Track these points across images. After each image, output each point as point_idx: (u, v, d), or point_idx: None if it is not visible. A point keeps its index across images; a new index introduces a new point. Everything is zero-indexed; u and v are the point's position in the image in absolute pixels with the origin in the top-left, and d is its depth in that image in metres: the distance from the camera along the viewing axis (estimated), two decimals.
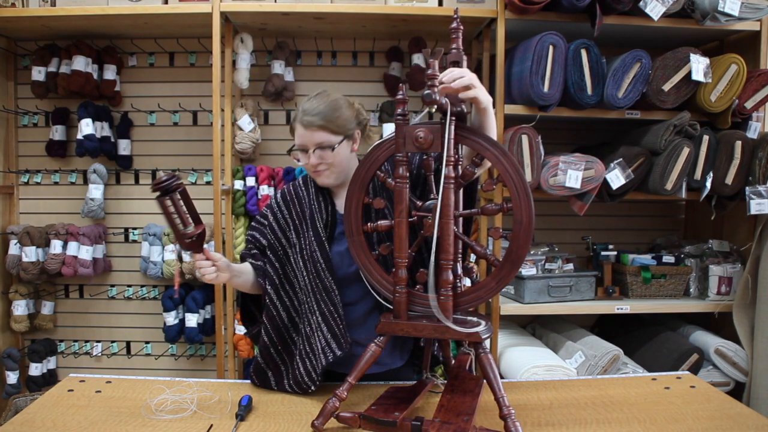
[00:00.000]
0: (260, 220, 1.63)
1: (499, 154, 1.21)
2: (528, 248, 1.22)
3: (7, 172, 2.79)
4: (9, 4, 2.44)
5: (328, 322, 1.47)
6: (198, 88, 2.79)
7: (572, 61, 2.20)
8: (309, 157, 1.48)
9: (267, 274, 1.56)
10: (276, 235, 1.58)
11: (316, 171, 1.50)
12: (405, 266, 1.28)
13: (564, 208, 2.55)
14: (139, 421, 1.34)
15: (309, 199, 1.56)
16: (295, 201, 1.58)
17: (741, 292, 2.41)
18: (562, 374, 2.17)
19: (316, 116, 1.46)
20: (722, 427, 1.33)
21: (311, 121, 1.46)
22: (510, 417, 1.19)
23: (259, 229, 1.62)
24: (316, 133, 1.46)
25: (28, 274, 2.62)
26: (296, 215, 1.57)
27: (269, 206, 1.63)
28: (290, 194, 1.60)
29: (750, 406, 2.04)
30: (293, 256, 1.55)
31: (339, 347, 1.46)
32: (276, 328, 1.56)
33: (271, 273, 1.56)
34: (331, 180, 1.52)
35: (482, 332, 1.23)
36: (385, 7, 2.37)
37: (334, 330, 1.47)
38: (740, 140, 2.31)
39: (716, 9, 2.20)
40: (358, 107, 1.58)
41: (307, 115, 1.46)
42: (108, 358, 2.87)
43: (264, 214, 1.62)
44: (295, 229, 1.56)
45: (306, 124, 1.46)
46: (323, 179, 1.52)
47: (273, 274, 1.56)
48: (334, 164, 1.49)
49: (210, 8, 2.34)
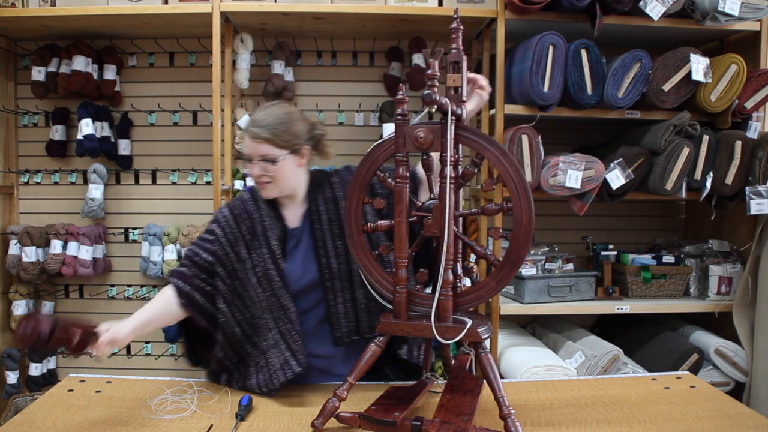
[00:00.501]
0: (206, 237, 1.58)
1: (499, 154, 1.21)
2: (528, 248, 1.22)
3: (7, 172, 2.79)
4: (9, 4, 2.44)
5: (286, 340, 1.48)
6: (198, 88, 2.79)
7: (572, 61, 2.20)
8: (253, 168, 1.50)
9: (218, 290, 1.54)
10: (225, 250, 1.55)
11: (260, 182, 1.52)
12: (405, 266, 1.28)
13: (564, 208, 2.55)
14: (139, 421, 1.34)
15: (260, 214, 1.56)
16: (244, 216, 1.57)
17: (741, 292, 2.41)
18: (562, 374, 2.17)
19: (263, 128, 1.47)
20: (722, 427, 1.33)
21: (257, 132, 1.47)
22: (510, 417, 1.19)
23: (203, 245, 1.57)
24: (261, 146, 1.48)
25: (28, 274, 2.62)
26: (247, 230, 1.55)
27: (216, 221, 1.59)
28: (239, 209, 1.59)
29: (750, 406, 2.04)
30: (242, 272, 1.53)
31: (298, 364, 1.46)
32: (231, 344, 1.55)
33: (223, 289, 1.53)
34: (274, 193, 1.54)
35: (482, 332, 1.23)
36: (385, 7, 2.37)
37: (292, 347, 1.47)
38: (740, 140, 2.31)
39: (716, 9, 2.20)
40: (315, 122, 1.60)
41: (254, 127, 1.48)
42: (108, 358, 2.87)
43: (210, 229, 1.59)
44: (246, 244, 1.54)
45: (252, 135, 1.48)
46: (266, 192, 1.54)
47: (225, 290, 1.53)
48: (276, 178, 1.50)
49: (210, 8, 2.34)
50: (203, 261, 1.55)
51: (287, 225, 1.58)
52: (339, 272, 1.54)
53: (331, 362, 1.59)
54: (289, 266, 1.53)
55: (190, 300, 1.52)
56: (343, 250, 1.55)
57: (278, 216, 1.57)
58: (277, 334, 1.49)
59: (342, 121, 2.83)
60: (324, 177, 1.65)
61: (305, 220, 1.59)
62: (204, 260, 1.55)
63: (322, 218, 1.58)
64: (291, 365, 1.46)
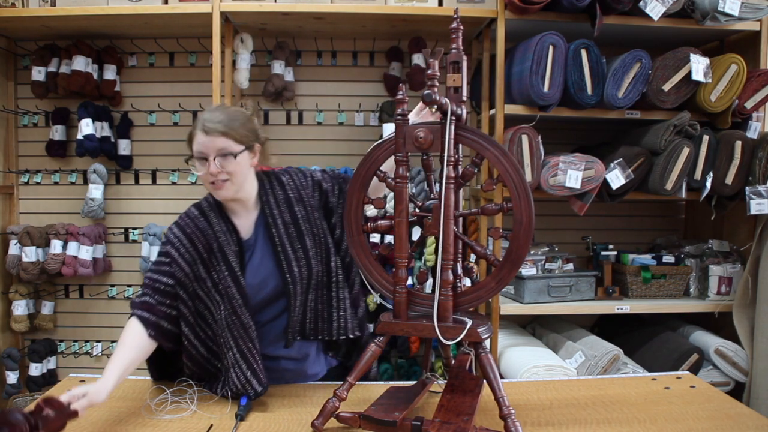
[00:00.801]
0: (162, 260, 1.50)
1: (499, 154, 1.21)
2: (528, 248, 1.22)
3: (7, 172, 2.79)
4: (9, 4, 2.44)
5: (247, 359, 1.43)
6: (198, 88, 2.79)
7: (572, 61, 2.20)
8: (209, 166, 1.41)
9: (182, 313, 1.48)
10: (184, 271, 1.48)
11: (215, 182, 1.44)
12: (405, 266, 1.28)
13: (564, 208, 2.55)
14: (139, 421, 1.34)
15: (213, 230, 1.49)
16: (197, 234, 1.50)
17: (741, 292, 2.41)
18: (562, 374, 2.17)
19: (218, 123, 1.41)
20: (722, 427, 1.33)
21: (214, 127, 1.41)
22: (510, 417, 1.19)
23: (161, 269, 1.49)
24: (218, 139, 1.41)
25: (28, 274, 2.62)
26: (203, 248, 1.48)
27: (169, 242, 1.51)
28: (190, 227, 1.51)
29: (750, 406, 2.04)
30: (202, 290, 1.48)
31: (259, 384, 1.42)
32: (197, 363, 1.52)
33: (185, 312, 1.48)
34: (230, 193, 1.46)
35: (482, 332, 1.23)
36: (385, 7, 2.37)
37: (253, 367, 1.43)
38: (740, 140, 2.31)
39: (716, 9, 2.20)
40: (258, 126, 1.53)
41: (208, 122, 1.41)
42: (108, 358, 2.86)
43: (165, 252, 1.50)
44: (203, 263, 1.48)
45: (208, 130, 1.41)
46: (223, 192, 1.45)
47: (187, 313, 1.48)
48: (234, 174, 1.43)
49: (210, 8, 2.34)
50: (164, 286, 1.47)
51: (242, 237, 1.52)
52: (300, 276, 1.50)
53: (303, 363, 1.59)
54: (249, 280, 1.48)
55: (158, 329, 1.45)
56: (302, 254, 1.51)
57: (231, 228, 1.51)
58: (237, 353, 1.43)
59: (342, 121, 2.83)
60: (272, 177, 1.59)
61: (258, 227, 1.54)
62: (165, 284, 1.47)
63: (278, 222, 1.52)
64: (253, 385, 1.42)
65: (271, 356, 1.54)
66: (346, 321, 1.57)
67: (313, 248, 1.53)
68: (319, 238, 1.55)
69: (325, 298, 1.56)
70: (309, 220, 1.55)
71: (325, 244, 1.56)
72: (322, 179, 1.61)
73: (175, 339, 1.50)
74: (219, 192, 1.46)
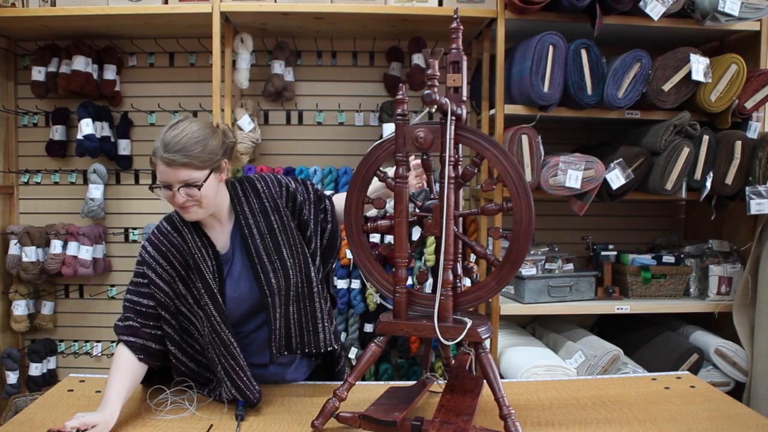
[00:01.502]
0: (139, 281, 1.45)
1: (499, 153, 1.21)
2: (528, 248, 1.22)
3: (7, 172, 2.79)
4: (9, 4, 2.44)
5: (231, 377, 1.40)
6: (198, 88, 2.79)
7: (572, 61, 2.20)
8: (174, 196, 1.36)
9: (166, 333, 1.45)
10: (163, 291, 1.43)
11: (184, 207, 1.38)
12: (405, 266, 1.28)
13: (564, 208, 2.55)
14: (139, 421, 1.34)
15: (188, 246, 1.44)
16: (172, 251, 1.44)
17: (741, 292, 2.41)
18: (562, 374, 2.17)
19: (177, 153, 1.32)
20: (722, 427, 1.33)
21: (173, 159, 1.32)
22: (510, 417, 1.19)
23: (140, 291, 1.45)
24: (180, 171, 1.33)
25: (28, 274, 2.62)
26: (179, 265, 1.44)
27: (144, 263, 1.45)
28: (164, 244, 1.45)
29: (750, 406, 2.04)
30: (184, 306, 1.45)
31: (246, 399, 1.40)
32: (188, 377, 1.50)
33: (169, 332, 1.45)
34: (200, 215, 1.41)
35: (482, 332, 1.23)
36: (385, 7, 2.37)
37: (238, 384, 1.40)
38: (740, 140, 2.31)
39: (716, 9, 2.20)
40: (224, 128, 1.47)
41: (168, 152, 1.32)
42: (108, 358, 2.87)
43: (141, 272, 1.45)
44: (182, 280, 1.44)
45: (168, 162, 1.32)
46: (191, 215, 1.40)
47: (171, 332, 1.45)
48: (202, 200, 1.37)
49: (210, 8, 2.34)
50: (145, 308, 1.44)
51: (219, 251, 1.47)
52: (278, 288, 1.46)
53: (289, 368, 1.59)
54: (230, 293, 1.45)
55: (146, 352, 1.42)
56: (279, 266, 1.47)
57: (206, 243, 1.46)
58: (222, 371, 1.42)
59: (342, 121, 2.83)
60: (245, 185, 1.53)
61: (235, 239, 1.49)
62: (146, 306, 1.44)
63: (254, 233, 1.48)
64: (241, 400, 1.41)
65: (258, 363, 1.52)
66: (330, 332, 1.55)
67: (291, 258, 1.49)
68: (296, 249, 1.50)
69: (308, 309, 1.51)
70: (285, 230, 1.50)
71: (302, 254, 1.50)
72: (297, 191, 1.54)
73: (164, 357, 1.48)
74: (188, 215, 1.41)
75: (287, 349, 1.51)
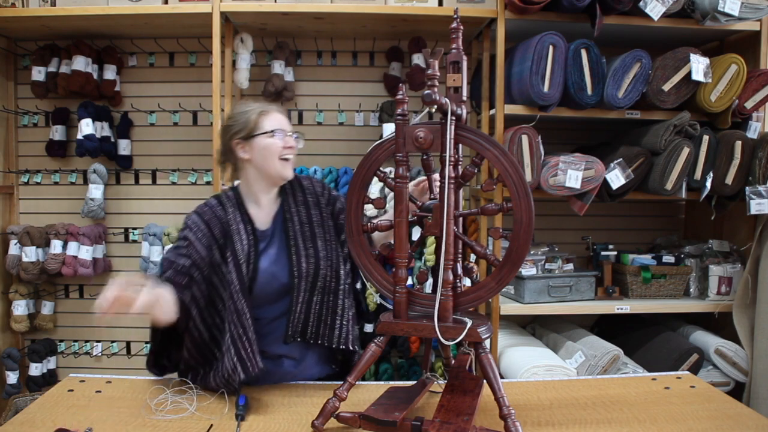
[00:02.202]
0: (180, 244, 1.56)
1: (499, 153, 1.21)
2: (528, 248, 1.22)
3: (7, 172, 2.79)
4: (9, 4, 2.44)
5: (236, 345, 1.45)
6: (198, 88, 2.79)
7: (572, 61, 2.20)
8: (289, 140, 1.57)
9: (194, 296, 1.52)
10: (200, 254, 1.53)
11: (288, 159, 1.57)
12: (405, 266, 1.28)
13: (564, 208, 2.55)
14: (139, 421, 1.34)
15: (228, 218, 1.56)
16: (215, 221, 1.56)
17: (741, 292, 2.41)
18: (562, 374, 2.17)
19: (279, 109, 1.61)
20: (722, 427, 1.33)
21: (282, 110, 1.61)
22: (510, 417, 1.19)
23: (179, 252, 1.55)
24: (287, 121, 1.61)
25: (28, 274, 2.62)
26: (220, 234, 1.55)
27: (187, 227, 1.57)
28: (207, 215, 1.58)
29: (750, 406, 2.04)
30: (217, 276, 1.53)
31: (244, 371, 1.43)
32: (198, 347, 1.54)
33: (197, 295, 1.52)
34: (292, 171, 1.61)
35: (482, 332, 1.23)
36: (385, 7, 2.37)
37: (240, 353, 1.44)
38: (740, 140, 2.31)
39: (716, 9, 2.20)
40: None
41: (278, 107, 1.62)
42: (108, 358, 2.87)
43: (183, 236, 1.57)
44: (219, 248, 1.54)
45: (281, 111, 1.61)
46: (289, 168, 1.59)
47: (199, 296, 1.52)
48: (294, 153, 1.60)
49: (210, 8, 2.34)
50: (181, 266, 1.52)
51: (257, 227, 1.59)
52: (306, 273, 1.55)
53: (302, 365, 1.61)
54: (263, 265, 1.54)
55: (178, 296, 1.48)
56: (313, 253, 1.58)
57: (247, 219, 1.58)
58: (229, 339, 1.46)
59: (342, 121, 2.83)
60: (294, 180, 1.66)
61: (277, 221, 1.61)
62: (182, 266, 1.52)
63: (295, 219, 1.61)
64: (238, 371, 1.43)
65: (273, 354, 1.55)
66: (348, 331, 1.60)
67: (324, 251, 1.59)
68: (331, 244, 1.62)
69: (330, 304, 1.59)
70: (323, 225, 1.63)
71: (336, 251, 1.61)
72: (338, 198, 1.69)
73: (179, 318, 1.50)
74: (287, 167, 1.58)
75: (301, 336, 1.57)
